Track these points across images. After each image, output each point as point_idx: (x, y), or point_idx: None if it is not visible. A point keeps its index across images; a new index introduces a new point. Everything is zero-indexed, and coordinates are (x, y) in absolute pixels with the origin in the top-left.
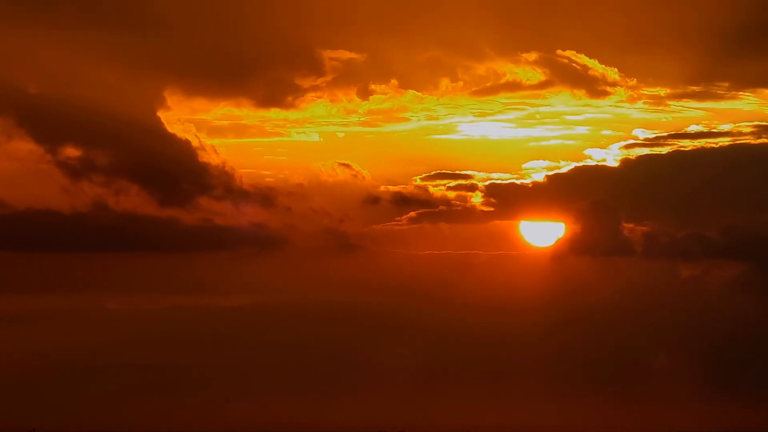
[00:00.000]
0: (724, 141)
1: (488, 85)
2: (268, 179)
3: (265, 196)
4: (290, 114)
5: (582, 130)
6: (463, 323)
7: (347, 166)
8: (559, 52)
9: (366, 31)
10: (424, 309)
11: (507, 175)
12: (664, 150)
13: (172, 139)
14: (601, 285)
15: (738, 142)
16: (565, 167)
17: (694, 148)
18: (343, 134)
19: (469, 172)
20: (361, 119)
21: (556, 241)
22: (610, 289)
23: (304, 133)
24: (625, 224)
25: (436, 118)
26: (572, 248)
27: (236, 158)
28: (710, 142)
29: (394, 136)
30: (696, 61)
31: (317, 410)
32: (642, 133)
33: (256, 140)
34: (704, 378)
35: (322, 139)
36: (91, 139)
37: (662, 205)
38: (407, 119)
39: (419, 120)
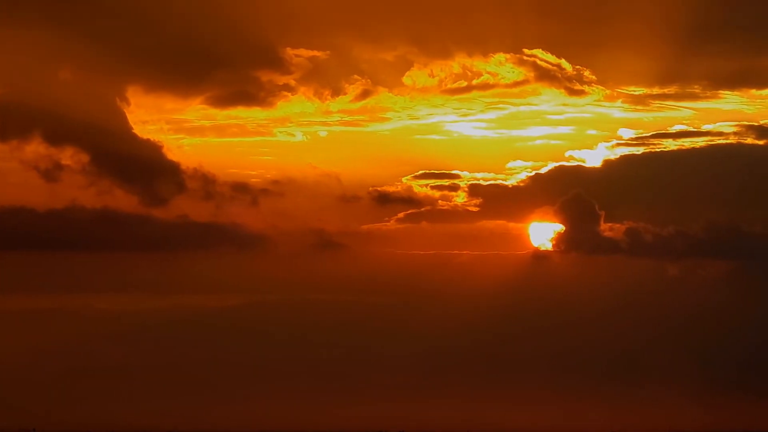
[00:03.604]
0: (709, 140)
1: (464, 84)
2: (253, 179)
3: (246, 196)
4: (256, 112)
5: (566, 129)
6: (453, 322)
7: (333, 166)
8: (525, 50)
9: (329, 30)
10: (413, 308)
11: (492, 175)
12: (649, 149)
13: (138, 139)
14: (588, 283)
15: (722, 142)
16: (550, 167)
17: (679, 148)
18: (325, 133)
19: (455, 172)
20: (344, 119)
21: (543, 241)
22: (597, 287)
23: (286, 132)
24: (610, 223)
25: (418, 118)
26: (559, 247)
27: (221, 158)
28: (694, 142)
29: (378, 136)
30: (671, 61)
31: (313, 410)
32: (626, 133)
33: (239, 140)
34: (696, 376)
35: (306, 138)
36: (56, 139)
37: (649, 204)
38: (389, 119)
39: (401, 119)
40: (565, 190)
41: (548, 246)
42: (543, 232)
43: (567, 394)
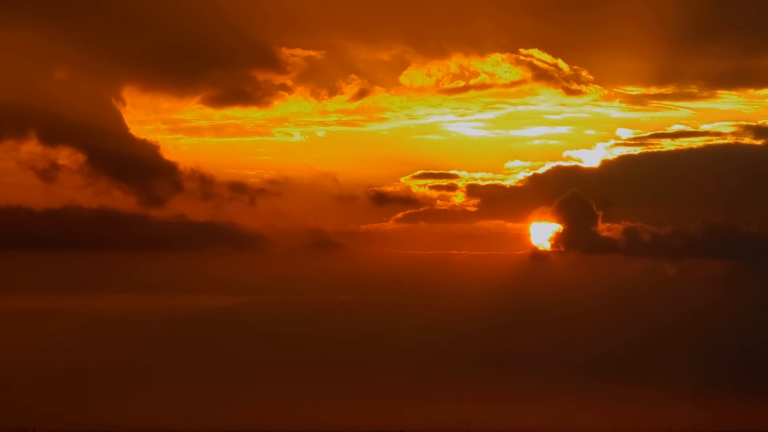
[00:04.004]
0: (707, 140)
1: (461, 84)
2: (252, 179)
3: (244, 196)
4: (253, 112)
5: (564, 129)
6: (452, 322)
7: (331, 166)
8: (522, 50)
9: (325, 29)
10: (412, 308)
11: (490, 175)
12: (648, 149)
13: (135, 139)
14: (586, 283)
15: (720, 142)
16: (549, 167)
17: (677, 148)
18: (323, 133)
19: (453, 172)
20: (342, 119)
21: (542, 241)
22: (596, 287)
23: (284, 132)
24: (608, 223)
25: (416, 118)
26: (557, 247)
27: (219, 158)
28: (693, 142)
29: (376, 136)
30: (668, 61)
31: (313, 410)
32: (624, 133)
33: (237, 140)
34: (694, 375)
35: (304, 138)
36: (53, 139)
37: (647, 204)
38: (387, 119)
39: (399, 119)
40: (564, 190)
41: (546, 246)
42: (541, 232)
43: (566, 394)
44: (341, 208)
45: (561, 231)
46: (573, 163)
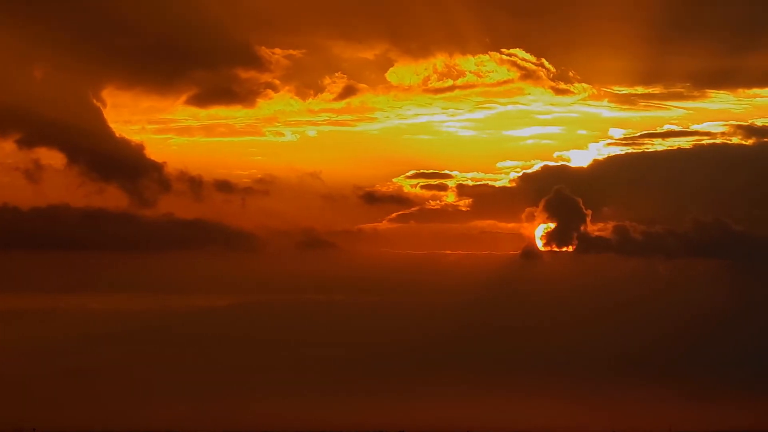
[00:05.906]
0: (698, 140)
1: (449, 83)
2: (243, 180)
3: (235, 196)
4: (236, 111)
5: (556, 129)
6: (446, 322)
7: (323, 166)
8: (504, 50)
9: (304, 28)
10: (406, 308)
11: (482, 174)
12: (639, 149)
13: (124, 140)
14: (580, 282)
15: (711, 141)
16: (540, 167)
17: (669, 148)
18: (314, 133)
19: (445, 172)
20: (332, 118)
21: (534, 240)
22: (589, 285)
23: (275, 132)
24: (600, 222)
25: (406, 118)
26: (549, 246)
27: (210, 158)
28: (684, 141)
29: (367, 136)
30: (655, 60)
31: (308, 410)
32: (616, 133)
33: (228, 140)
34: (689, 375)
35: (295, 138)
36: (38, 140)
37: (639, 204)
38: (377, 119)
39: (390, 119)
40: (558, 189)
41: (539, 245)
42: (533, 231)
43: (565, 394)
44: (333, 208)
45: (551, 229)
46: (565, 163)
